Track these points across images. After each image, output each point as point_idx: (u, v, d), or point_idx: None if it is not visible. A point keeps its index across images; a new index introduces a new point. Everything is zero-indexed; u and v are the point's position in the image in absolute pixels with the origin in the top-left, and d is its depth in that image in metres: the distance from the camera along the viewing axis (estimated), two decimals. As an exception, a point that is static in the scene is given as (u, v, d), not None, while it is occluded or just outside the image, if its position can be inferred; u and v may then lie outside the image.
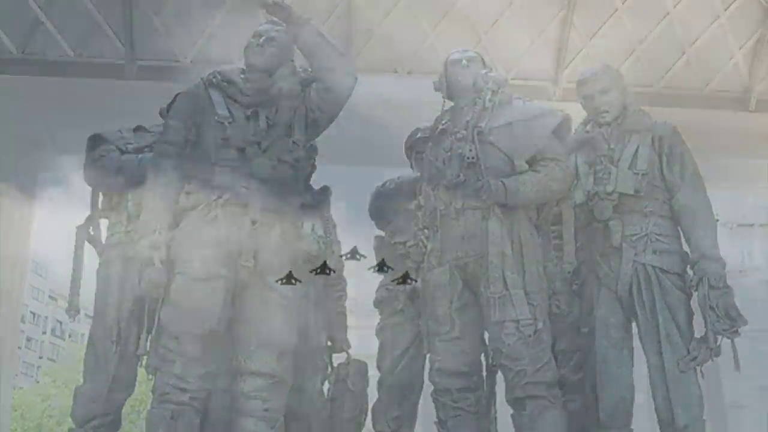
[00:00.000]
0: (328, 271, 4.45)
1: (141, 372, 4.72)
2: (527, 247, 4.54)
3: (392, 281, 4.79)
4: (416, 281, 4.71)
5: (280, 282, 4.27)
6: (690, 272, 4.69)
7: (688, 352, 4.50)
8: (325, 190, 4.92)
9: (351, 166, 11.22)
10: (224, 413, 4.38)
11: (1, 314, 10.81)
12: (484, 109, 4.78)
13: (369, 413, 5.47)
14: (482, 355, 4.71)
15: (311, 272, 4.41)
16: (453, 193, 4.64)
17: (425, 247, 4.76)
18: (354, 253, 4.47)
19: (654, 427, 4.67)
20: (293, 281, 4.26)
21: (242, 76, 4.65)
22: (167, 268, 4.21)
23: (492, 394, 4.73)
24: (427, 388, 4.99)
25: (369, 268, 4.67)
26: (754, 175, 12.28)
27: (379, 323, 5.66)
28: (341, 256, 4.67)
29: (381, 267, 4.71)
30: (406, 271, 4.62)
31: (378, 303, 5.69)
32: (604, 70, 5.09)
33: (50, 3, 10.95)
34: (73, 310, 5.18)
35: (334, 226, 5.46)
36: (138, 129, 5.44)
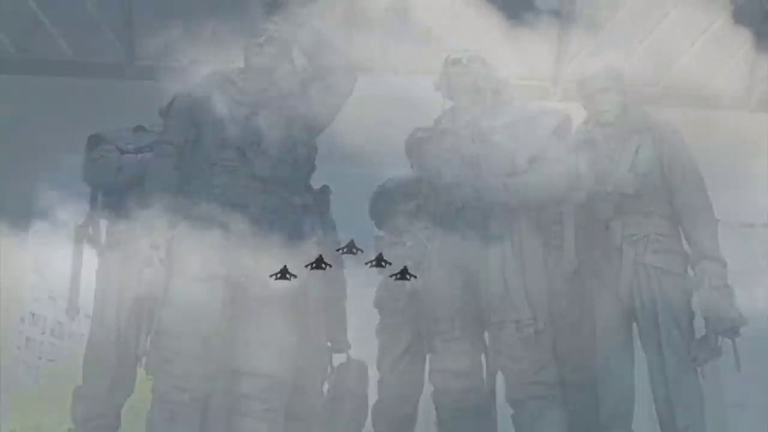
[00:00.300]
0: (324, 266, 4.43)
1: (141, 372, 4.72)
2: (527, 247, 4.53)
3: (390, 276, 4.78)
4: (415, 277, 4.70)
5: (275, 278, 4.26)
6: (691, 272, 4.68)
7: (689, 353, 4.50)
8: (325, 190, 4.91)
9: (351, 166, 11.19)
10: (224, 413, 4.37)
11: (0, 315, 10.80)
12: (484, 109, 4.78)
13: (369, 413, 5.45)
14: (482, 355, 4.70)
15: (307, 266, 4.39)
16: (453, 193, 4.64)
17: (425, 247, 4.76)
18: (351, 247, 4.46)
19: (654, 428, 4.66)
20: (289, 277, 4.24)
21: (242, 76, 4.65)
22: (167, 268, 4.21)
23: (492, 394, 4.72)
24: (427, 388, 4.98)
25: (367, 263, 4.66)
26: (754, 175, 12.25)
27: (379, 323, 5.65)
28: (338, 250, 4.66)
29: (379, 262, 4.70)
30: (405, 266, 4.61)
31: (378, 303, 5.67)
32: (604, 70, 5.08)
33: (50, 3, 10.94)
34: (72, 310, 5.17)
35: (334, 226, 5.45)
36: (138, 129, 5.43)
